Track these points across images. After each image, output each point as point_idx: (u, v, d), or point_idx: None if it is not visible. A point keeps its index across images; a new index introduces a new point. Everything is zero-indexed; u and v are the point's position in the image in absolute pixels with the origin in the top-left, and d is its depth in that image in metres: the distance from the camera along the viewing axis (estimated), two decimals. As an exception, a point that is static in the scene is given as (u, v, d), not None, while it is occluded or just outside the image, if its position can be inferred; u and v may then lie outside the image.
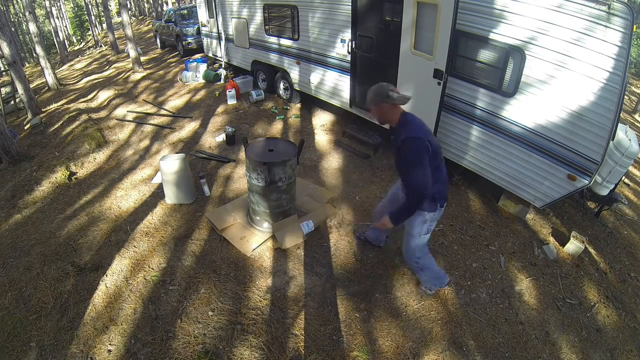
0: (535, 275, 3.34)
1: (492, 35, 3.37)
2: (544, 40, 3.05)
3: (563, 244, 3.70)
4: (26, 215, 4.05)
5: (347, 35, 4.83)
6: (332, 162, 4.93)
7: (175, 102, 7.32)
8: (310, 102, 6.52)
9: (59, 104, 7.86)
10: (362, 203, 4.07)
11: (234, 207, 3.85)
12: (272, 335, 2.63)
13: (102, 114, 6.84)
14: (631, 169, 5.95)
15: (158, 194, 4.22)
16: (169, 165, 3.77)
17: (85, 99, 7.95)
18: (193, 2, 14.31)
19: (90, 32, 24.68)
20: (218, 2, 7.38)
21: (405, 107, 2.30)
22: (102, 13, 24.71)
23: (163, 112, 6.80)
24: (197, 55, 9.87)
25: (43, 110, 7.40)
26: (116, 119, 6.51)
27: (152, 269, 3.17)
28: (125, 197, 4.24)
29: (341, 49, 5.04)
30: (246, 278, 3.08)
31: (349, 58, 4.94)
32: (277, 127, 6.02)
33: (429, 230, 2.51)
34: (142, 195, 4.26)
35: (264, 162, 3.09)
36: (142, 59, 11.19)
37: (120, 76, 9.88)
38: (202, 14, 8.37)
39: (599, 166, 3.05)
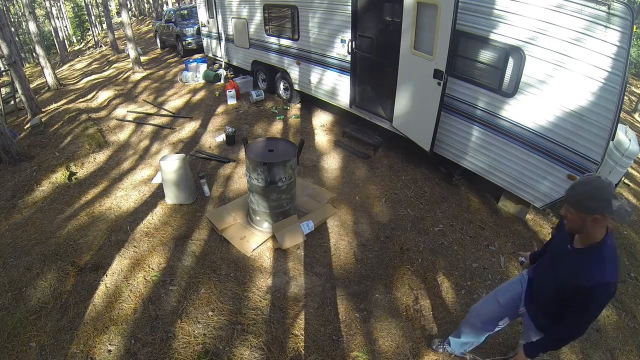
0: (535, 276, 3.34)
1: (492, 36, 3.38)
2: (543, 40, 3.06)
3: (563, 244, 3.69)
4: (26, 215, 4.05)
5: (347, 35, 4.83)
6: (332, 162, 4.93)
7: (175, 102, 7.32)
8: (310, 102, 6.52)
9: (59, 104, 7.86)
10: (362, 203, 4.07)
11: (234, 207, 3.86)
12: (272, 335, 2.63)
13: (102, 114, 6.84)
14: (631, 169, 5.94)
15: (158, 194, 4.22)
16: (169, 165, 3.77)
17: (85, 99, 7.94)
18: (193, 2, 14.32)
19: (90, 32, 24.69)
20: (218, 2, 7.38)
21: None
22: (102, 13, 24.71)
23: (163, 112, 6.80)
24: (197, 55, 9.86)
25: (43, 110, 7.40)
26: (116, 119, 6.51)
27: (152, 269, 3.17)
28: (125, 197, 4.24)
29: (341, 49, 5.04)
30: (246, 278, 3.08)
31: (349, 58, 4.94)
32: (277, 127, 6.02)
33: None
34: (142, 195, 4.26)
35: (264, 162, 3.09)
36: (142, 59, 11.19)
37: (120, 76, 9.87)
38: (202, 14, 8.37)
39: (599, 166, 3.05)
